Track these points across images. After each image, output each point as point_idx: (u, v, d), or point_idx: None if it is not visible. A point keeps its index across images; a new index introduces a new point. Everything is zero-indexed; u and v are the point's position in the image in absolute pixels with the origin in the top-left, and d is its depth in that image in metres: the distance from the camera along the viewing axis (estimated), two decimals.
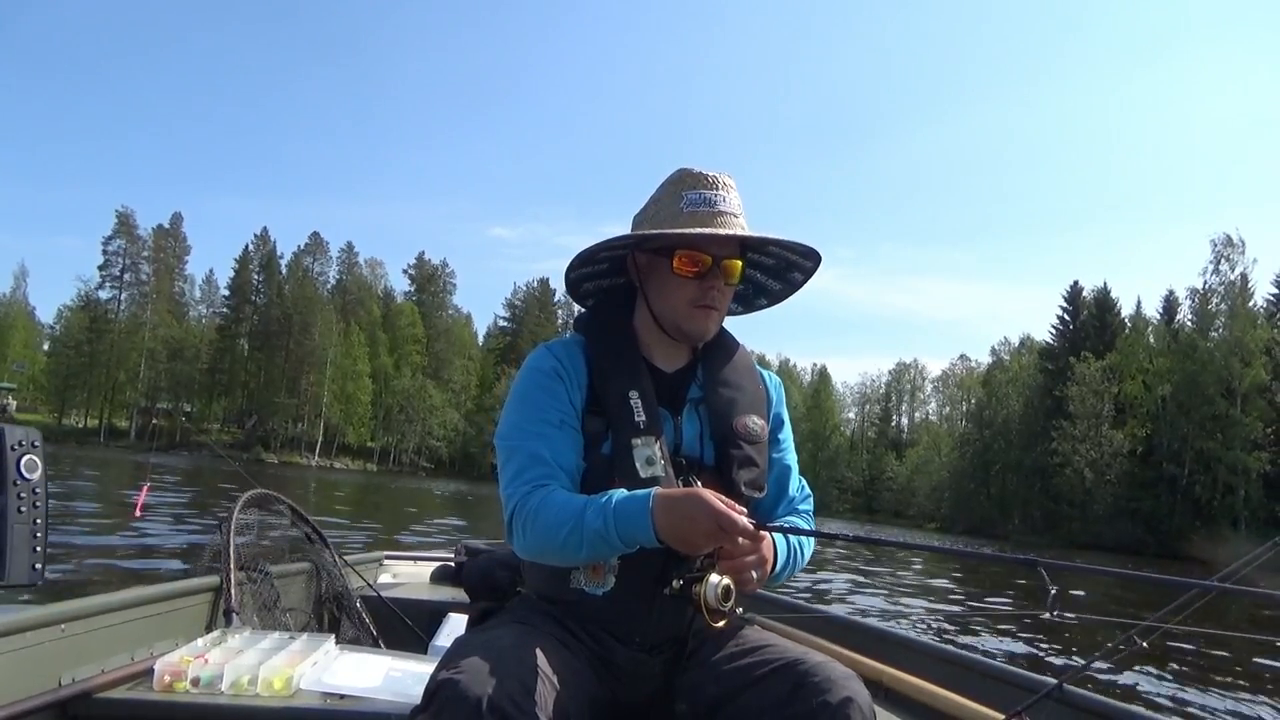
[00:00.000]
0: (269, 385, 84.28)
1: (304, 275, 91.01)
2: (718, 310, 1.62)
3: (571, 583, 1.55)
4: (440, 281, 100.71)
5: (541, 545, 1.46)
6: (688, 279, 1.57)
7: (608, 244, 1.61)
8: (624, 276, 1.72)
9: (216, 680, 1.81)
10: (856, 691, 1.37)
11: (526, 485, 1.48)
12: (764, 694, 1.42)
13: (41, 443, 1.47)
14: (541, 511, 1.44)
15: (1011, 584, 14.86)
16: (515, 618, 1.52)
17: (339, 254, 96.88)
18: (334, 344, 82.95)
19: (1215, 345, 58.64)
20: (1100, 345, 65.64)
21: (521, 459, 1.51)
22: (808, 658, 1.43)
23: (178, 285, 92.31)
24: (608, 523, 1.38)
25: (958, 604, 12.69)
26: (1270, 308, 62.50)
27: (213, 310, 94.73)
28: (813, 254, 1.67)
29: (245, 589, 2.37)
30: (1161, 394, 60.35)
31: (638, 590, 1.53)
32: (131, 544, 8.51)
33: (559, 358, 1.62)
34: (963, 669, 2.29)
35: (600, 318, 1.71)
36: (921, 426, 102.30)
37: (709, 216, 1.56)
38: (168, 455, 61.08)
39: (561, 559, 1.47)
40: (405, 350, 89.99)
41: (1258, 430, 55.55)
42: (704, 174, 1.59)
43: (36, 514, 1.44)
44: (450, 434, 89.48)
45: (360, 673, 1.97)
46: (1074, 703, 1.86)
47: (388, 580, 3.48)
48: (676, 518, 1.35)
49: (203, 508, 14.45)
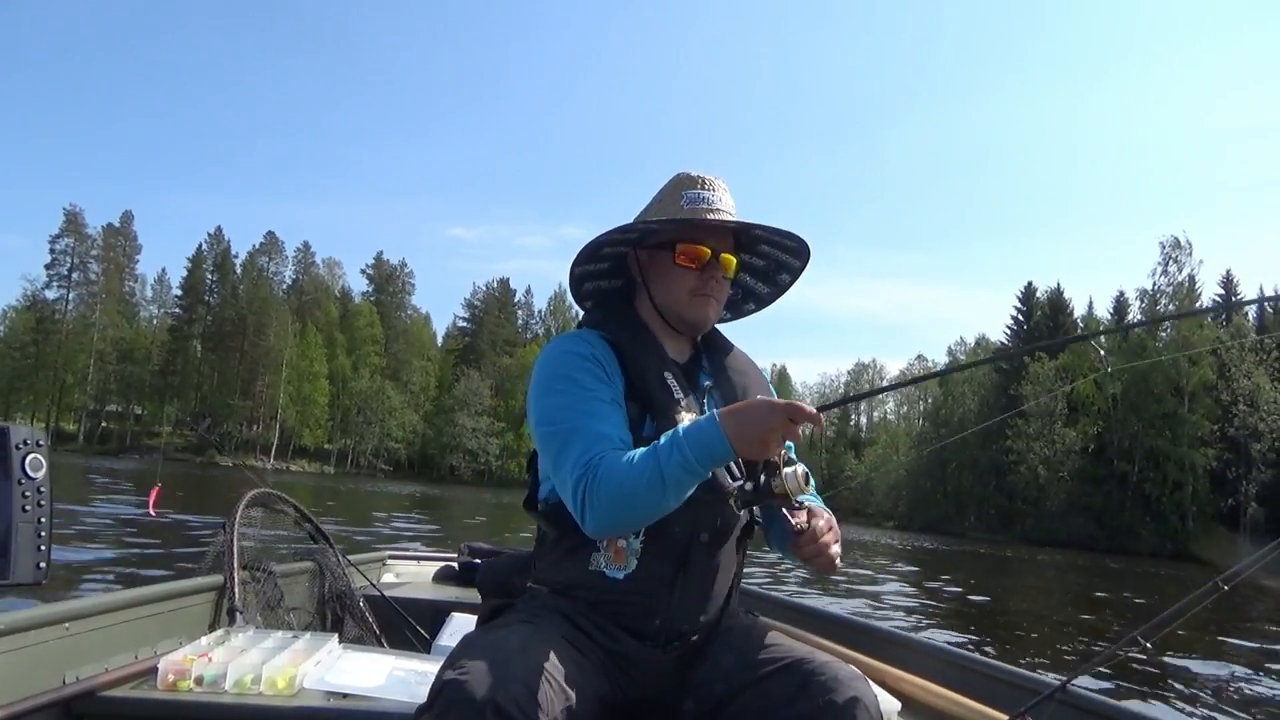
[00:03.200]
0: (223, 387, 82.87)
1: (259, 275, 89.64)
2: (715, 299, 1.70)
3: (591, 565, 1.55)
4: (399, 282, 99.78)
5: (622, 504, 1.41)
6: (688, 270, 1.66)
7: (618, 231, 1.67)
8: (622, 278, 1.78)
9: (220, 679, 1.80)
10: (863, 692, 1.38)
11: (594, 458, 1.45)
12: (770, 692, 1.43)
13: (46, 442, 1.45)
14: (614, 474, 1.41)
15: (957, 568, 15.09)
16: (523, 617, 1.51)
17: (295, 253, 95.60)
18: (290, 345, 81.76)
19: (1164, 345, 60.18)
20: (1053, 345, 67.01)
21: (585, 438, 1.47)
22: (814, 657, 1.45)
23: (128, 285, 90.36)
24: (684, 451, 1.38)
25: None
26: (1216, 308, 64.28)
27: (165, 310, 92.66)
28: (803, 250, 1.75)
29: (249, 588, 2.37)
30: (1113, 393, 61.86)
31: (659, 573, 1.54)
32: (86, 559, 8.40)
33: (589, 343, 1.63)
34: (966, 669, 2.30)
35: (612, 313, 1.75)
36: (880, 426, 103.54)
37: (707, 213, 1.65)
38: (118, 459, 59.91)
39: (646, 510, 1.42)
40: (363, 351, 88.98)
41: (1204, 427, 57.28)
42: (702, 176, 1.70)
43: (41, 513, 1.43)
44: (409, 435, 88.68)
45: (364, 672, 1.96)
46: (1077, 703, 1.87)
47: (391, 580, 3.49)
48: (745, 421, 1.37)
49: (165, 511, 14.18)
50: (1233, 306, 64.13)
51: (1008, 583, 19.97)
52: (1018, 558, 34.53)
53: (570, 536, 1.56)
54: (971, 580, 18.66)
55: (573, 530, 1.50)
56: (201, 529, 12.19)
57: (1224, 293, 65.74)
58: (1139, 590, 20.40)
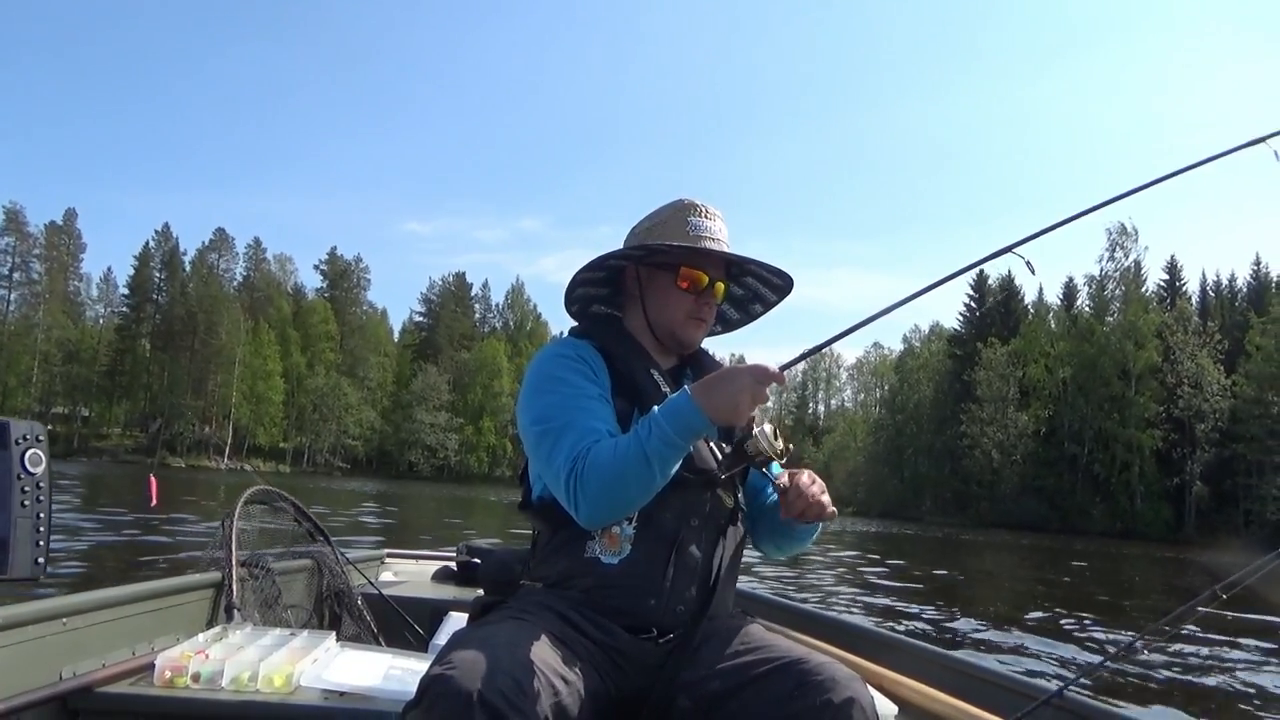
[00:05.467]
0: (173, 387, 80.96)
1: (209, 272, 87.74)
2: (707, 323, 1.79)
3: (586, 552, 1.58)
4: (354, 277, 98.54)
5: (611, 488, 1.46)
6: (687, 293, 1.73)
7: (632, 249, 1.74)
8: (609, 287, 1.84)
9: (217, 676, 1.80)
10: (860, 693, 1.40)
11: (583, 450, 1.50)
12: (766, 691, 1.44)
13: (46, 437, 1.45)
14: (600, 460, 1.47)
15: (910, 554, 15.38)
16: (513, 613, 1.52)
17: (246, 250, 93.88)
18: (242, 343, 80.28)
19: (1111, 330, 61.65)
20: (1005, 331, 68.33)
21: (576, 433, 1.53)
22: (811, 657, 1.47)
23: (72, 284, 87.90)
24: (663, 427, 1.44)
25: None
26: (1161, 293, 65.95)
27: (111, 310, 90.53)
28: (786, 287, 1.85)
29: (247, 585, 2.37)
30: (1063, 377, 63.25)
31: (653, 555, 1.58)
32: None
33: (575, 347, 1.71)
34: (962, 673, 2.31)
35: (601, 322, 1.84)
36: (837, 413, 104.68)
37: (711, 243, 1.73)
38: (66, 463, 58.45)
39: (635, 491, 1.47)
40: (318, 348, 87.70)
41: (1150, 409, 58.76)
42: (705, 206, 1.77)
43: (40, 508, 1.44)
44: (367, 432, 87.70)
45: (361, 670, 1.97)
46: (1074, 709, 1.88)
47: (389, 578, 3.48)
48: (717, 390, 1.44)
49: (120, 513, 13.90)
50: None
51: (968, 565, 20.37)
52: (974, 540, 35.04)
53: (564, 530, 1.59)
54: (930, 565, 19.02)
55: (567, 524, 1.54)
56: (140, 531, 11.99)
57: (1168, 278, 67.45)
58: (1086, 572, 20.88)
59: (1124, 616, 11.20)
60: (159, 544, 10.88)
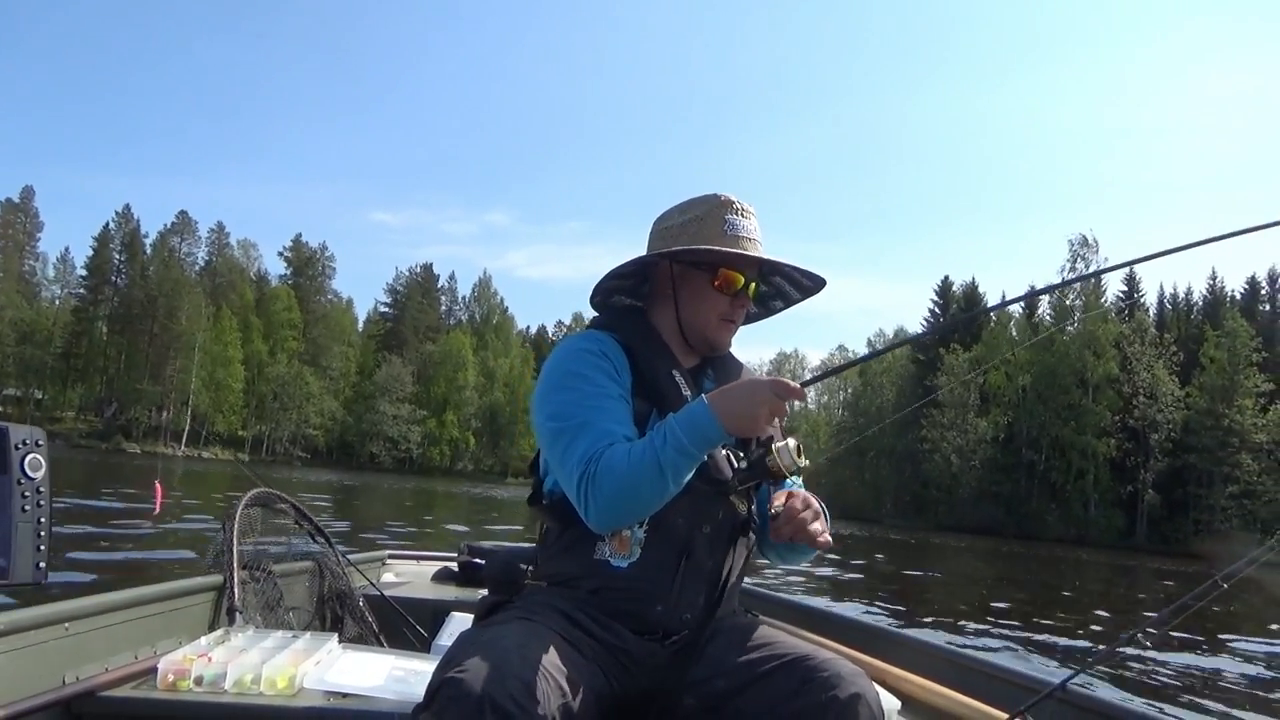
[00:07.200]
0: (131, 371, 79.44)
1: (170, 256, 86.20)
2: (737, 325, 1.76)
3: (596, 553, 1.57)
4: (319, 265, 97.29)
5: (623, 494, 1.45)
6: (723, 295, 1.70)
7: (680, 250, 1.68)
8: (632, 279, 1.80)
9: (220, 679, 1.79)
10: (865, 688, 1.41)
11: (597, 453, 1.48)
12: (771, 688, 1.45)
13: (45, 442, 1.46)
14: (614, 465, 1.45)
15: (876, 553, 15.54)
16: (520, 614, 1.52)
17: (209, 234, 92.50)
18: (203, 328, 78.97)
19: (1070, 339, 62.69)
20: (968, 337, 69.09)
21: (591, 434, 1.51)
22: (817, 654, 1.48)
23: (28, 264, 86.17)
24: (678, 435, 1.43)
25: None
26: (1120, 304, 67.22)
27: (68, 291, 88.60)
28: (814, 288, 1.83)
29: (248, 588, 2.35)
30: (1022, 384, 64.16)
31: (663, 561, 1.57)
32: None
33: (599, 342, 1.68)
34: (966, 668, 2.32)
35: (624, 314, 1.80)
36: (801, 415, 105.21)
37: (749, 243, 1.70)
38: None
39: (647, 499, 1.46)
40: (281, 335, 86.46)
41: (1106, 419, 59.90)
42: (742, 205, 1.74)
43: (40, 513, 1.44)
44: (328, 422, 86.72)
45: (363, 672, 1.96)
46: (1077, 702, 1.89)
47: (391, 579, 3.46)
48: (733, 400, 1.45)
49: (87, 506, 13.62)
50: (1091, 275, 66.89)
51: (929, 566, 20.63)
52: (929, 543, 35.44)
53: (574, 529, 1.58)
54: (899, 566, 19.22)
55: (576, 523, 1.53)
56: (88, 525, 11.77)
57: (1126, 289, 68.77)
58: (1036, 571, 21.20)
59: (1081, 621, 11.41)
60: (120, 535, 10.67)
